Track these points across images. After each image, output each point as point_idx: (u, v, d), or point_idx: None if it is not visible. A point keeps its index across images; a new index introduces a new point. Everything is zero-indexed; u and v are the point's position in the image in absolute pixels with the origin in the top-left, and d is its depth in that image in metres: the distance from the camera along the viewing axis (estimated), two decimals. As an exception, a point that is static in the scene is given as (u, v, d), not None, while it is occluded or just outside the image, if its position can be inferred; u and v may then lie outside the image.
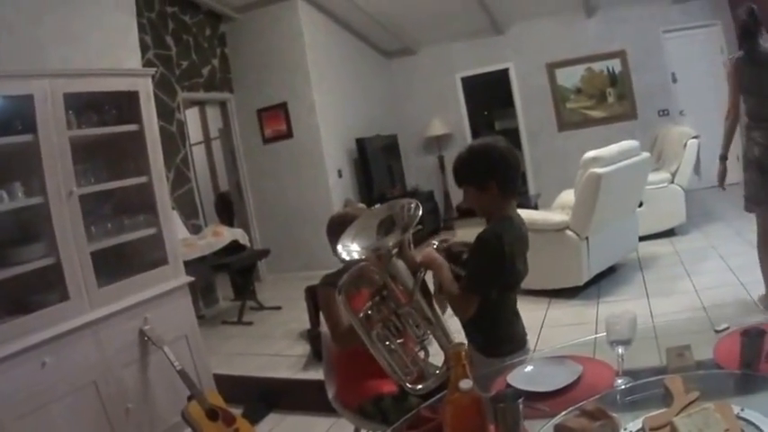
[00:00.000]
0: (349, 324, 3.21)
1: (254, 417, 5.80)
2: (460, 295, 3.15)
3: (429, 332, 2.88)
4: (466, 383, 2.07)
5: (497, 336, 3.35)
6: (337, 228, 3.58)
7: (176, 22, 10.47)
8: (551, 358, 3.06)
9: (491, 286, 3.19)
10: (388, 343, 2.87)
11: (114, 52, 5.71)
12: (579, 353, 3.01)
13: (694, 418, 2.03)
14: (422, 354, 2.93)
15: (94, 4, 5.70)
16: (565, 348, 3.23)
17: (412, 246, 3.06)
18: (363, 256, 2.91)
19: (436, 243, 3.34)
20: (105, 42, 5.67)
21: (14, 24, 5.01)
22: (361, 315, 2.88)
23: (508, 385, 2.68)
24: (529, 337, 3.52)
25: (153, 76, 5.62)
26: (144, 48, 7.95)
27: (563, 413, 2.33)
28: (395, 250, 2.84)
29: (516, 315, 3.46)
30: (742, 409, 2.09)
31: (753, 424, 2.04)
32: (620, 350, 2.62)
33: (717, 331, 2.88)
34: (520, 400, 2.17)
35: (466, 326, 3.34)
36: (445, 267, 3.21)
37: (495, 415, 2.16)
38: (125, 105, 5.28)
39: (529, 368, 2.93)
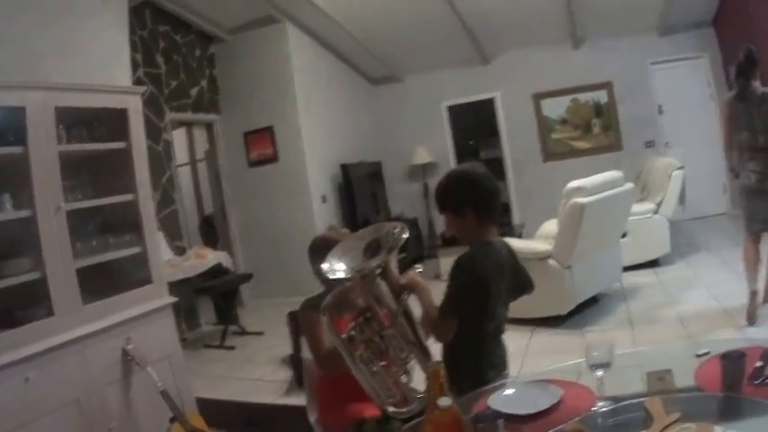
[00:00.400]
0: (332, 347, 3.21)
1: (237, 441, 5.80)
2: (438, 318, 3.18)
3: (412, 356, 2.91)
4: (444, 401, 2.08)
5: (477, 362, 3.38)
6: (319, 249, 3.60)
7: (167, 41, 10.52)
8: (532, 382, 3.06)
9: (465, 309, 3.21)
10: (370, 365, 2.87)
11: (106, 69, 5.72)
12: (561, 378, 3.04)
13: None
14: (404, 378, 2.94)
15: (90, 21, 5.72)
16: (547, 373, 3.25)
17: (397, 269, 3.08)
18: (348, 276, 2.92)
19: (420, 268, 3.30)
20: (98, 58, 5.68)
21: (9, 35, 5.02)
22: (345, 336, 2.88)
23: (488, 408, 2.69)
24: (512, 365, 3.57)
25: (142, 95, 5.63)
26: (134, 65, 7.97)
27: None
28: (379, 271, 2.86)
29: (498, 343, 3.51)
30: (725, 430, 2.09)
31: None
32: (599, 373, 2.63)
33: (698, 356, 2.89)
34: (500, 421, 2.18)
35: (447, 350, 3.35)
36: (428, 291, 3.22)
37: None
38: (114, 122, 5.27)
39: (509, 391, 2.93)
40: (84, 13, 5.68)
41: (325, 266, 2.95)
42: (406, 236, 2.91)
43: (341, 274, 2.91)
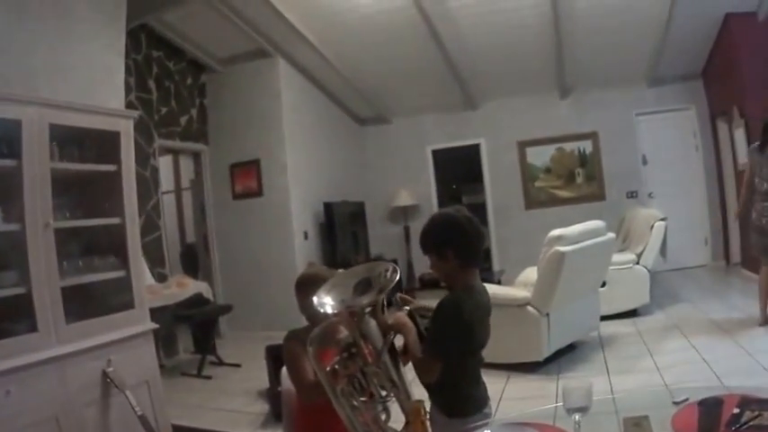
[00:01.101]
0: (315, 378, 3.25)
1: (212, 470, 5.79)
2: (423, 359, 3.20)
3: (392, 394, 2.94)
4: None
5: (459, 397, 3.38)
6: (306, 285, 3.67)
7: (160, 68, 10.55)
8: (508, 424, 3.07)
9: (450, 351, 3.24)
10: (351, 400, 2.89)
11: (100, 90, 5.73)
12: (538, 420, 3.07)
13: None
14: (383, 415, 2.96)
15: (87, 41, 5.73)
16: (523, 417, 3.28)
17: (385, 309, 3.09)
18: (337, 311, 2.96)
19: (408, 308, 3.40)
20: (93, 79, 5.70)
21: (7, 49, 5.04)
22: (328, 369, 2.93)
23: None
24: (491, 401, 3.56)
25: (135, 119, 5.66)
26: (127, 89, 7.96)
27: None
28: (368, 309, 2.90)
29: (478, 378, 3.51)
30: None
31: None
32: (576, 417, 2.63)
33: (675, 403, 2.91)
34: None
35: (429, 387, 3.37)
36: (413, 332, 3.26)
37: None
38: (105, 145, 5.30)
39: (487, 432, 2.95)
40: (82, 32, 5.70)
41: (315, 299, 3.00)
42: (397, 277, 2.94)
43: (330, 309, 2.94)
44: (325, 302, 2.98)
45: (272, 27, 10.46)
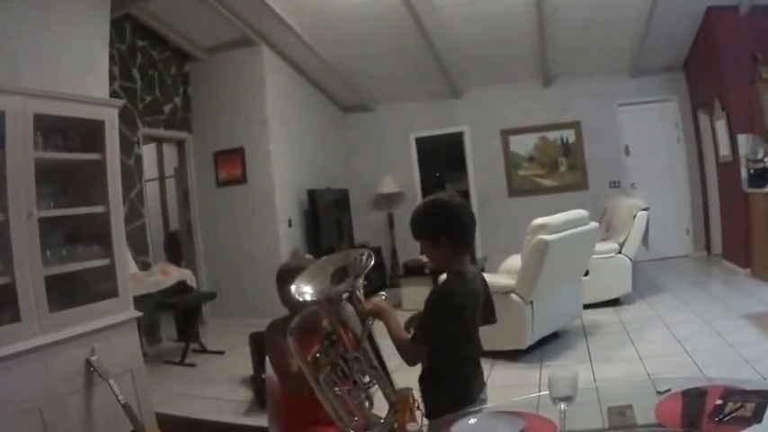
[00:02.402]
0: (298, 369, 3.24)
1: (196, 458, 5.78)
2: (407, 341, 3.23)
3: (375, 381, 2.93)
4: (413, 426, 2.12)
5: (459, 384, 3.42)
6: (287, 277, 3.64)
7: (144, 57, 10.51)
8: (495, 413, 3.10)
9: (441, 336, 3.24)
10: (334, 388, 2.89)
11: (84, 79, 5.71)
12: (523, 409, 3.08)
13: None
14: (366, 403, 2.94)
15: (71, 30, 5.71)
16: (509, 405, 3.30)
17: (362, 296, 3.04)
18: (315, 299, 2.95)
19: (384, 294, 3.38)
20: (77, 68, 5.67)
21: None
22: (310, 358, 2.92)
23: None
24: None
25: (119, 108, 5.65)
26: (111, 78, 7.92)
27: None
28: (345, 295, 2.88)
29: (477, 364, 3.54)
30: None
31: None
32: (562, 406, 2.64)
33: (659, 392, 2.92)
34: None
35: (425, 374, 3.40)
36: (394, 316, 3.27)
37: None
38: (89, 134, 5.30)
39: (473, 421, 2.94)
40: (67, 22, 5.68)
41: (292, 288, 2.99)
42: (372, 262, 2.95)
43: (308, 297, 2.94)
44: (303, 291, 2.97)
45: (256, 15, 10.44)
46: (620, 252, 9.75)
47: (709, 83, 11.82)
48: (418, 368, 3.28)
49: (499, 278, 8.02)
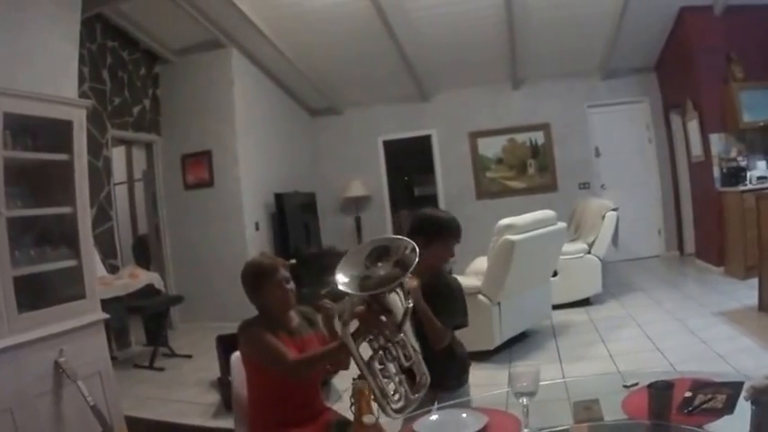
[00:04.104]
0: (297, 355, 3.52)
1: (165, 462, 5.76)
2: (445, 329, 3.84)
3: (414, 360, 3.09)
4: (369, 418, 2.13)
5: (464, 361, 4.15)
6: (252, 275, 3.80)
7: (114, 58, 10.47)
8: (458, 409, 3.15)
9: (464, 320, 4.06)
10: (383, 371, 2.98)
11: (54, 79, 5.66)
12: (488, 406, 3.10)
13: None
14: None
15: (42, 30, 5.64)
16: (474, 401, 3.32)
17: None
18: (372, 293, 3.00)
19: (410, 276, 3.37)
20: (47, 68, 5.62)
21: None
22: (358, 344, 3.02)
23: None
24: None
25: (88, 109, 5.62)
26: (80, 79, 7.88)
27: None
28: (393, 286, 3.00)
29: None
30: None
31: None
32: (524, 401, 2.65)
33: (626, 386, 2.95)
34: None
35: (440, 357, 3.78)
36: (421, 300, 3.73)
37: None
38: (58, 134, 5.25)
39: (434, 417, 2.99)
40: (37, 21, 5.62)
41: (338, 279, 3.01)
42: (416, 258, 2.99)
43: (349, 289, 2.98)
44: (344, 282, 3.01)
45: (226, 17, 10.44)
46: (589, 252, 9.82)
47: (681, 83, 11.93)
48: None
49: (466, 279, 8.03)
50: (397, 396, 3.00)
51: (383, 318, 2.96)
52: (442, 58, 12.57)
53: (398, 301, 3.03)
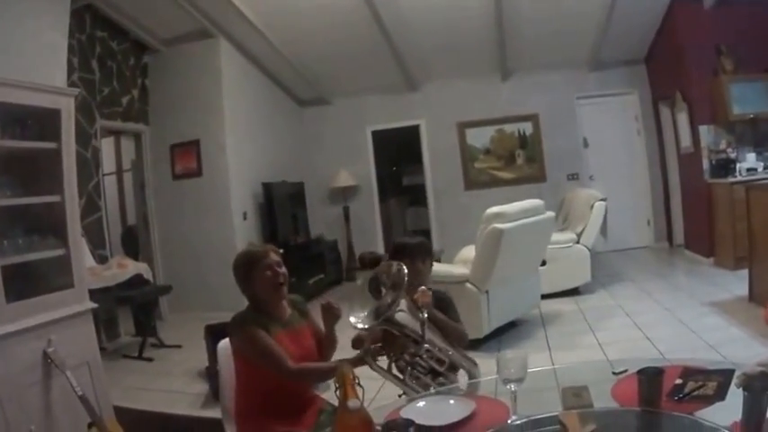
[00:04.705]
0: (301, 364, 3.60)
1: (154, 452, 5.74)
2: (461, 329, 4.28)
3: (448, 360, 3.65)
4: (353, 403, 2.12)
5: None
6: (243, 265, 3.78)
7: (103, 48, 10.44)
8: (445, 395, 3.15)
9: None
10: (420, 380, 3.57)
11: (43, 69, 5.64)
12: (477, 392, 3.12)
13: None
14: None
15: (31, 19, 5.62)
16: (467, 388, 3.34)
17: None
18: (375, 325, 3.45)
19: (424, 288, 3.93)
20: (36, 57, 5.60)
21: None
22: (389, 367, 3.61)
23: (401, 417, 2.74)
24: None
25: (76, 98, 5.60)
26: (70, 69, 7.87)
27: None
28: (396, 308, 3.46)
29: None
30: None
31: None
32: (512, 387, 2.66)
33: (615, 373, 2.94)
34: (411, 428, 2.20)
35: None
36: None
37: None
38: (46, 122, 5.22)
39: (422, 403, 2.98)
40: (26, 10, 5.60)
41: (352, 321, 3.47)
42: (405, 273, 3.49)
43: (365, 325, 3.46)
44: (360, 321, 3.45)
45: (215, 7, 10.42)
46: (578, 242, 9.84)
47: (671, 75, 11.97)
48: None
49: (454, 268, 8.07)
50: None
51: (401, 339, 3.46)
52: (431, 49, 12.58)
53: (411, 318, 3.49)
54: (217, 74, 11.37)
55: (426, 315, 3.57)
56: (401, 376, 3.59)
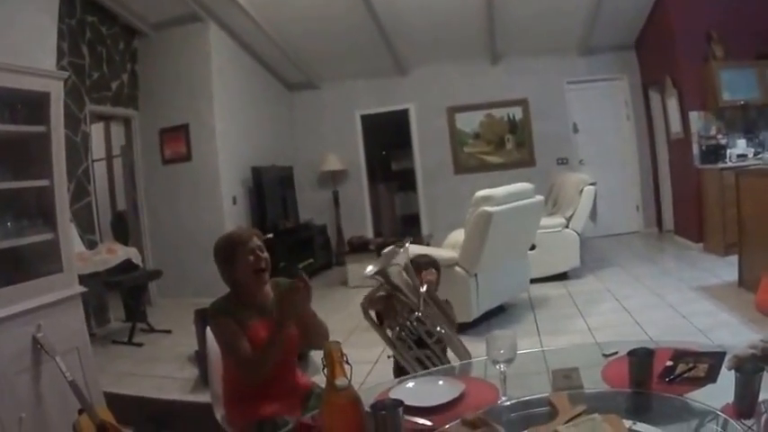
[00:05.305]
0: (253, 353, 3.49)
1: (145, 438, 5.73)
2: (452, 313, 4.63)
3: (444, 332, 4.05)
4: (341, 381, 2.11)
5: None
6: (224, 249, 3.73)
7: (93, 32, 10.39)
8: (435, 377, 3.14)
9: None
10: (407, 344, 3.93)
11: (32, 53, 5.58)
12: (466, 374, 3.13)
13: (581, 428, 2.05)
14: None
15: (19, 2, 5.61)
16: (452, 369, 3.34)
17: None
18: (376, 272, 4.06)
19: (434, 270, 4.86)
20: (25, 41, 5.54)
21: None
22: (385, 324, 4.04)
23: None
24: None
25: (65, 81, 5.57)
26: (59, 54, 7.83)
27: (445, 426, 2.38)
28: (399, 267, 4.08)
29: None
30: (634, 423, 2.13)
31: (646, 435, 2.08)
32: (501, 367, 2.65)
33: (605, 355, 2.95)
34: (399, 409, 2.20)
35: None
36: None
37: (376, 424, 2.19)
38: (35, 106, 5.20)
39: (410, 384, 2.99)
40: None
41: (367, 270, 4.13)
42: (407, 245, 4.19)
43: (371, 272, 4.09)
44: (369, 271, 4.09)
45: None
46: (567, 226, 9.85)
47: (661, 61, 12.00)
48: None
49: (442, 251, 8.06)
50: (429, 363, 3.89)
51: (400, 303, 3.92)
52: (421, 33, 12.56)
53: (411, 287, 3.94)
54: (206, 58, 11.34)
55: (424, 289, 4.04)
56: (389, 334, 3.97)
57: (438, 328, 3.99)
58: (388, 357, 4.12)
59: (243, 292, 3.73)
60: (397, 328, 3.85)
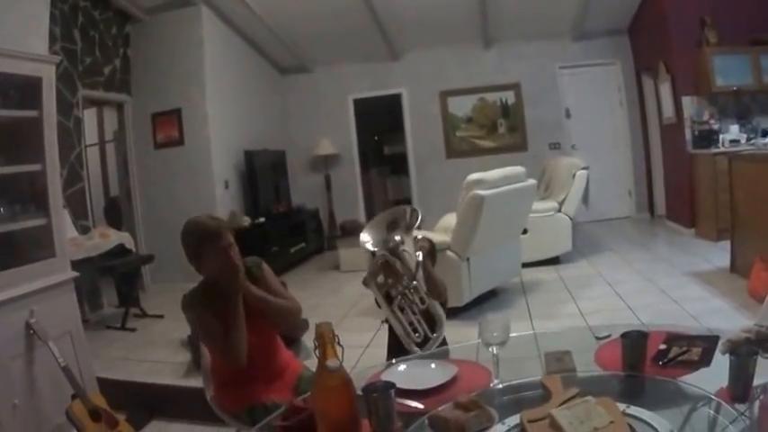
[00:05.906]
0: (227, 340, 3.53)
1: (138, 423, 5.72)
2: (443, 284, 4.55)
3: (427, 301, 3.96)
4: (333, 362, 2.11)
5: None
6: (193, 239, 3.74)
7: (86, 17, 10.33)
8: (426, 359, 3.15)
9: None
10: (405, 313, 3.91)
11: (24, 37, 5.55)
12: (458, 357, 3.14)
13: (574, 410, 2.05)
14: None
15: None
16: (444, 352, 3.34)
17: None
18: (383, 251, 4.01)
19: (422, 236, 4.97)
20: (17, 26, 5.51)
21: None
22: (383, 292, 3.94)
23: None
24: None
25: (57, 66, 5.56)
26: (52, 39, 7.82)
27: (438, 408, 2.38)
28: (402, 245, 4.03)
29: None
30: (628, 406, 2.12)
31: (640, 419, 2.07)
32: (494, 350, 2.66)
33: (598, 338, 2.96)
34: (391, 391, 2.20)
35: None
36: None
37: (368, 406, 2.20)
38: (27, 91, 5.19)
39: (402, 367, 3.00)
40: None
41: (362, 238, 4.21)
42: (418, 217, 4.20)
43: (370, 247, 4.14)
44: (367, 241, 4.16)
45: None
46: (559, 210, 9.84)
47: (654, 46, 12.00)
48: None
49: (434, 235, 8.02)
50: (417, 333, 3.85)
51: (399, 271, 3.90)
52: (413, 16, 12.52)
53: (411, 258, 3.99)
54: (198, 42, 11.33)
55: (421, 257, 4.07)
56: (385, 303, 3.95)
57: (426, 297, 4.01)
58: (382, 323, 4.50)
59: (212, 282, 3.72)
60: (399, 297, 3.91)
